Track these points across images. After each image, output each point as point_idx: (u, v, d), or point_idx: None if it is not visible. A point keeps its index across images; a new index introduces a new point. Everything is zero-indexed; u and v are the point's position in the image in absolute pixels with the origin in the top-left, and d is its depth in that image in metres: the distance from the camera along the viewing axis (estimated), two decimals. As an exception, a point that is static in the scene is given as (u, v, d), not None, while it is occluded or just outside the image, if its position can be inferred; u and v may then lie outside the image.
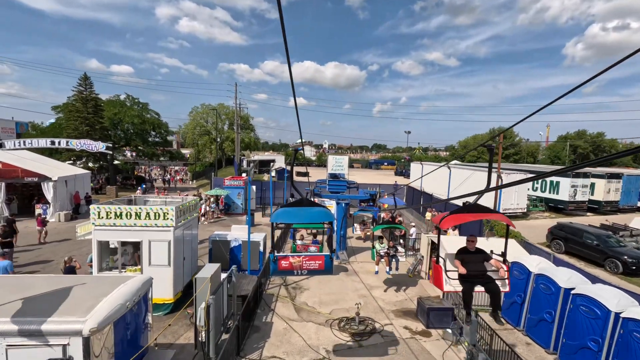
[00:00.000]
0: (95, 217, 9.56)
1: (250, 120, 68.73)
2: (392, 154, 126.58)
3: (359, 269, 14.61)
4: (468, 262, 6.16)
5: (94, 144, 29.63)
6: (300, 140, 7.51)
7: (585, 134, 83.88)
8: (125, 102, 42.46)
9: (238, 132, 46.11)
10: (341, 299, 11.65)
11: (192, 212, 11.48)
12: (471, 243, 6.48)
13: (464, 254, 6.39)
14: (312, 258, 7.07)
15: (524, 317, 9.82)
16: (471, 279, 6.10)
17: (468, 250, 6.48)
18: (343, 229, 15.59)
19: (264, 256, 12.83)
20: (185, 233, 10.75)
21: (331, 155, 16.94)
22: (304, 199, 7.15)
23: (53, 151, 34.24)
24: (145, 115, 41.85)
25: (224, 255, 12.57)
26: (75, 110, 33.64)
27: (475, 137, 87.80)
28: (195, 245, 12.06)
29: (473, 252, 6.43)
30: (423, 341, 9.19)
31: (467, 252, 6.44)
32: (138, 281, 6.35)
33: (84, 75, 34.18)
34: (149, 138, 44.61)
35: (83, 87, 34.23)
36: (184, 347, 8.31)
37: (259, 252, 12.65)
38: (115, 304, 5.42)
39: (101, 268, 9.85)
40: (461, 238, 13.15)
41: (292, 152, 8.17)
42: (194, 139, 64.75)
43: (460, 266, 6.05)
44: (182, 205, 10.38)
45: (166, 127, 44.82)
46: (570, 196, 28.56)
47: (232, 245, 12.65)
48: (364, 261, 15.72)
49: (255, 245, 12.60)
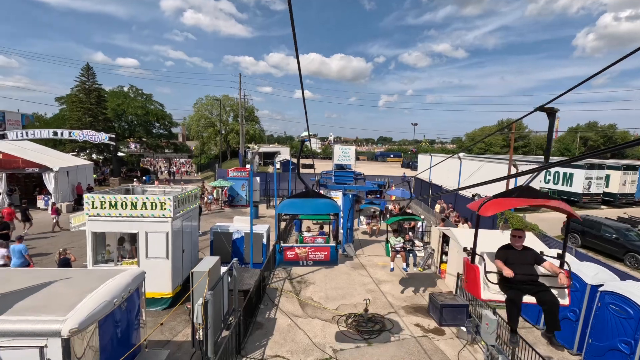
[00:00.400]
0: (89, 207, 9.06)
1: (255, 112, 68.15)
2: (398, 146, 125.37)
3: (367, 263, 14.04)
4: (513, 264, 4.84)
5: (97, 134, 29.26)
6: (307, 132, 7.20)
7: (596, 126, 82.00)
8: (129, 93, 42.07)
9: (242, 124, 45.56)
10: (348, 293, 11.10)
11: (192, 203, 10.95)
12: (517, 239, 5.09)
13: (508, 252, 5.03)
14: (318, 249, 7.05)
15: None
16: (518, 285, 4.78)
17: (512, 247, 5.12)
18: (350, 221, 15.00)
19: (267, 249, 12.31)
20: (184, 224, 10.23)
21: (337, 145, 16.24)
22: (310, 191, 7.06)
23: (57, 143, 34.03)
24: (149, 107, 41.44)
25: (226, 247, 12.06)
26: (78, 101, 33.26)
27: (483, 129, 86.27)
28: (195, 237, 11.56)
29: (519, 250, 5.08)
30: (436, 340, 8.62)
31: (511, 250, 5.10)
32: (128, 275, 5.82)
33: (87, 65, 33.73)
34: (153, 130, 44.25)
35: (86, 77, 33.80)
36: (182, 345, 7.83)
37: (262, 244, 12.12)
38: (100, 301, 4.90)
39: (96, 261, 9.38)
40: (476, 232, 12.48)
41: (299, 143, 8.08)
42: (198, 131, 64.39)
43: (505, 267, 4.73)
44: (180, 195, 9.85)
45: (170, 118, 44.36)
46: (584, 188, 27.64)
47: (234, 237, 12.13)
48: (372, 254, 15.14)
49: (258, 237, 12.07)
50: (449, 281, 12.03)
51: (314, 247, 7.06)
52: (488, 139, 76.54)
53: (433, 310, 9.71)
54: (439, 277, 12.71)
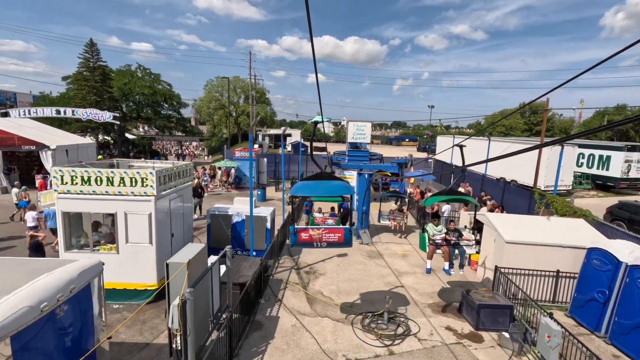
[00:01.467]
0: (58, 183, 7.64)
1: (267, 93, 66.31)
2: (413, 131, 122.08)
3: (385, 251, 12.44)
4: None
5: (101, 113, 28.10)
6: (321, 115, 7.27)
7: (625, 109, 77.30)
8: (137, 73, 40.76)
9: (253, 104, 43.81)
10: (364, 287, 9.56)
11: (185, 179, 9.47)
12: None
13: None
14: (332, 231, 6.97)
15: (608, 321, 7.44)
16: None
17: None
18: (365, 204, 13.35)
19: (271, 234, 10.81)
20: (173, 205, 8.77)
21: (352, 122, 14.40)
22: (323, 173, 7.07)
23: (62, 122, 33.14)
24: (156, 86, 40.09)
25: (225, 232, 10.62)
26: (83, 79, 32.07)
27: (503, 112, 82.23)
28: (189, 219, 10.12)
29: None
30: (473, 348, 7.01)
31: None
32: (74, 269, 4.35)
33: (90, 41, 32.34)
34: (162, 110, 43.07)
35: (90, 54, 32.46)
36: (162, 350, 6.45)
37: (265, 229, 10.62)
38: (17, 307, 3.44)
39: (70, 245, 8.03)
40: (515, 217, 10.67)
41: (312, 125, 8.30)
42: (209, 113, 63.04)
43: None
44: (166, 169, 8.34)
45: (179, 98, 42.98)
46: (622, 172, 25.17)
47: (234, 221, 10.66)
48: (390, 242, 13.51)
49: (261, 220, 10.56)
50: (480, 274, 10.34)
51: (328, 229, 6.99)
52: (509, 121, 72.91)
53: (467, 310, 8.07)
54: (469, 269, 11.03)
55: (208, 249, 10.67)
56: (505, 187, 16.36)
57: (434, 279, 10.22)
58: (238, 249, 10.69)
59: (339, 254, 11.90)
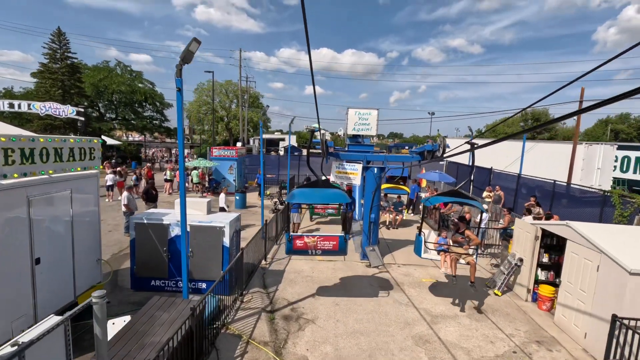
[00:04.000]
0: None
1: (260, 98, 63.06)
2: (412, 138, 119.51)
3: (404, 278, 8.59)
4: None
5: (62, 107, 24.30)
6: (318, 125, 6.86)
7: (628, 118, 74.78)
8: (116, 69, 37.20)
9: (243, 105, 40.26)
10: (379, 347, 5.68)
11: (78, 164, 5.64)
12: None
13: None
14: (327, 238, 6.75)
15: None
16: None
17: None
18: (374, 211, 9.54)
19: (231, 254, 6.93)
20: (43, 206, 4.92)
21: (352, 109, 10.54)
22: (320, 180, 6.67)
23: (24, 121, 29.35)
24: (136, 84, 36.49)
25: (158, 252, 6.74)
26: (48, 71, 28.40)
27: (504, 119, 79.56)
28: (94, 234, 6.21)
29: None
30: None
31: None
32: None
33: (58, 30, 28.79)
34: (145, 112, 39.43)
35: (57, 44, 28.89)
36: None
37: (221, 246, 6.75)
38: None
39: None
40: (612, 228, 6.87)
41: (309, 133, 7.67)
42: (199, 117, 59.62)
43: None
44: (27, 139, 4.54)
45: (161, 98, 39.42)
46: (666, 177, 21.58)
47: (172, 235, 6.79)
48: (409, 263, 9.67)
49: (214, 234, 6.71)
50: (560, 319, 6.49)
51: (322, 237, 6.76)
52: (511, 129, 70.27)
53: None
54: (535, 308, 7.19)
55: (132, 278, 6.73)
56: (555, 191, 12.74)
57: (488, 326, 6.36)
58: (178, 279, 6.81)
59: (337, 283, 8.05)
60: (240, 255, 6.77)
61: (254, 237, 8.28)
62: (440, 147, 8.03)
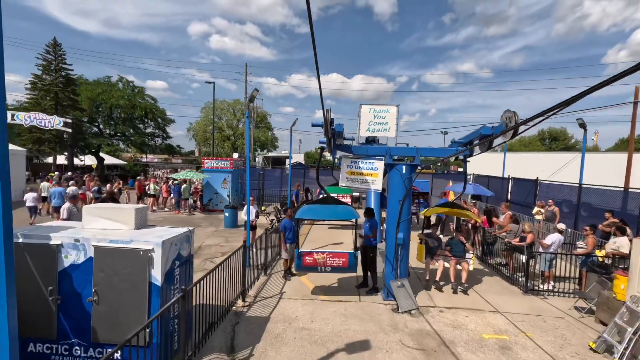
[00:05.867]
0: None
1: (268, 117, 61.59)
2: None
3: (454, 334, 5.52)
4: None
5: (48, 118, 22.38)
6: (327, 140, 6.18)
7: (645, 140, 70.86)
8: (117, 85, 35.80)
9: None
10: None
11: None
12: None
13: None
14: (336, 255, 6.71)
15: None
16: None
17: None
18: (403, 229, 6.60)
19: (164, 297, 4.02)
20: None
21: (365, 105, 7.67)
22: (329, 197, 6.87)
23: (14, 134, 27.60)
24: (137, 99, 34.89)
25: (40, 292, 3.90)
26: (39, 80, 26.86)
27: (521, 139, 76.55)
28: None
29: None
30: None
31: None
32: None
33: (54, 40, 27.47)
34: (146, 128, 37.69)
35: (52, 55, 27.50)
36: None
37: (147, 283, 3.86)
38: None
39: None
40: None
41: (319, 150, 7.75)
42: (205, 137, 58.24)
43: None
44: None
45: (163, 113, 37.69)
46: None
47: (66, 264, 3.96)
48: (457, 306, 6.60)
49: (136, 262, 3.85)
50: None
51: (332, 253, 6.76)
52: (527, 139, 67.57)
53: None
54: None
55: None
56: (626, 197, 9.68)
57: None
58: (74, 341, 3.94)
59: (351, 344, 5.05)
60: (182, 297, 3.89)
61: (221, 264, 5.40)
62: (507, 125, 5.14)
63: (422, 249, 7.88)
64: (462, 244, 7.80)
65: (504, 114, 5.39)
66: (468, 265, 7.53)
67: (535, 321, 6.06)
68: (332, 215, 6.93)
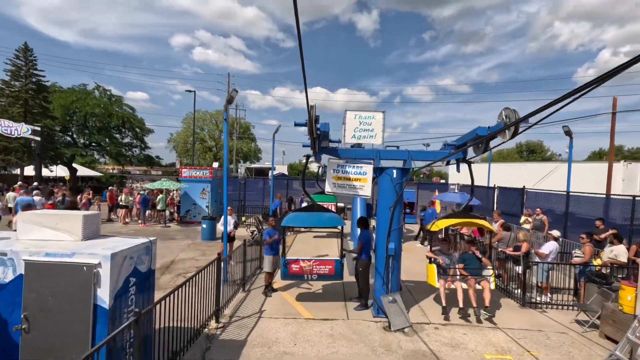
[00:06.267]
0: None
1: (252, 128, 60.91)
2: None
3: (452, 354, 4.96)
4: None
5: (14, 125, 21.11)
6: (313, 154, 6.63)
7: (622, 150, 74.12)
8: (94, 93, 34.48)
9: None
10: None
11: None
12: None
13: None
14: (322, 262, 6.72)
15: None
16: None
17: None
18: (394, 238, 6.06)
19: (114, 322, 3.31)
20: None
21: (350, 112, 7.21)
22: (315, 205, 6.75)
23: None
24: (113, 108, 33.63)
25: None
26: (8, 86, 25.47)
27: (499, 152, 78.54)
28: None
29: None
30: None
31: None
32: None
33: (24, 46, 26.25)
34: (123, 138, 36.30)
35: (22, 60, 26.22)
36: None
37: (92, 306, 3.15)
38: None
39: None
40: None
41: (303, 161, 7.71)
42: (186, 148, 56.92)
43: None
44: None
45: (141, 123, 36.44)
46: None
47: (-10, 282, 3.20)
48: (453, 323, 6.06)
49: (80, 280, 3.14)
50: None
51: (318, 261, 6.71)
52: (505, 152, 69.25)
53: None
54: None
55: None
56: (616, 205, 9.50)
57: None
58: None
59: None
60: (136, 321, 3.19)
61: (189, 280, 4.71)
62: (507, 125, 4.74)
63: (432, 270, 6.70)
64: (477, 259, 6.82)
65: (502, 111, 5.01)
66: (489, 284, 6.51)
67: (537, 337, 5.59)
68: (318, 222, 6.95)
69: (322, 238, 13.89)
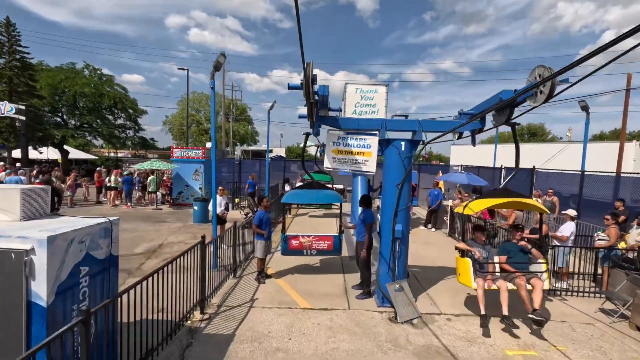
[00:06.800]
0: None
1: (248, 110, 59.61)
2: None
3: (469, 350, 4.35)
4: None
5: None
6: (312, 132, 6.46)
7: (622, 133, 73.29)
8: (83, 72, 33.15)
9: (227, 116, 36.36)
10: None
11: None
12: None
13: None
14: (321, 238, 6.90)
15: None
16: None
17: None
18: (401, 219, 5.39)
19: (52, 319, 2.61)
20: None
21: (351, 85, 6.28)
22: (314, 182, 6.84)
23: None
24: (104, 88, 32.40)
25: None
26: (-10, 65, 24.28)
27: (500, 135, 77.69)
28: None
29: None
30: None
31: None
32: None
33: (6, 20, 24.89)
34: (116, 119, 35.18)
35: (5, 36, 24.92)
36: None
37: (25, 302, 2.45)
38: None
39: None
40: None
41: (305, 135, 6.89)
42: (182, 130, 55.73)
43: None
44: None
45: (134, 103, 35.26)
46: None
47: None
48: (466, 313, 5.44)
49: (8, 270, 2.43)
50: None
51: (317, 237, 6.88)
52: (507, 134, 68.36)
53: None
54: None
55: None
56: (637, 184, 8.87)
57: None
58: None
59: None
60: (83, 322, 2.51)
61: (164, 266, 4.03)
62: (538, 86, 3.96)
63: (466, 265, 5.17)
64: (525, 251, 5.37)
65: (535, 69, 4.21)
66: (542, 283, 5.09)
67: (562, 329, 4.99)
68: (317, 199, 7.08)
69: (320, 218, 13.35)
